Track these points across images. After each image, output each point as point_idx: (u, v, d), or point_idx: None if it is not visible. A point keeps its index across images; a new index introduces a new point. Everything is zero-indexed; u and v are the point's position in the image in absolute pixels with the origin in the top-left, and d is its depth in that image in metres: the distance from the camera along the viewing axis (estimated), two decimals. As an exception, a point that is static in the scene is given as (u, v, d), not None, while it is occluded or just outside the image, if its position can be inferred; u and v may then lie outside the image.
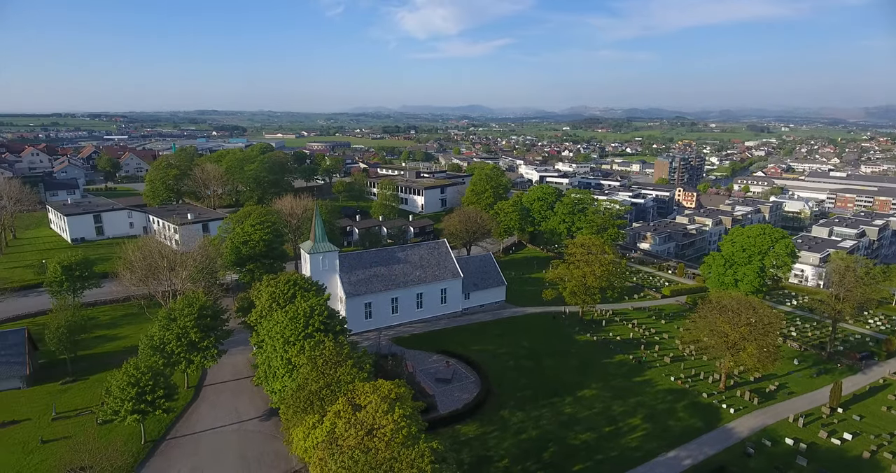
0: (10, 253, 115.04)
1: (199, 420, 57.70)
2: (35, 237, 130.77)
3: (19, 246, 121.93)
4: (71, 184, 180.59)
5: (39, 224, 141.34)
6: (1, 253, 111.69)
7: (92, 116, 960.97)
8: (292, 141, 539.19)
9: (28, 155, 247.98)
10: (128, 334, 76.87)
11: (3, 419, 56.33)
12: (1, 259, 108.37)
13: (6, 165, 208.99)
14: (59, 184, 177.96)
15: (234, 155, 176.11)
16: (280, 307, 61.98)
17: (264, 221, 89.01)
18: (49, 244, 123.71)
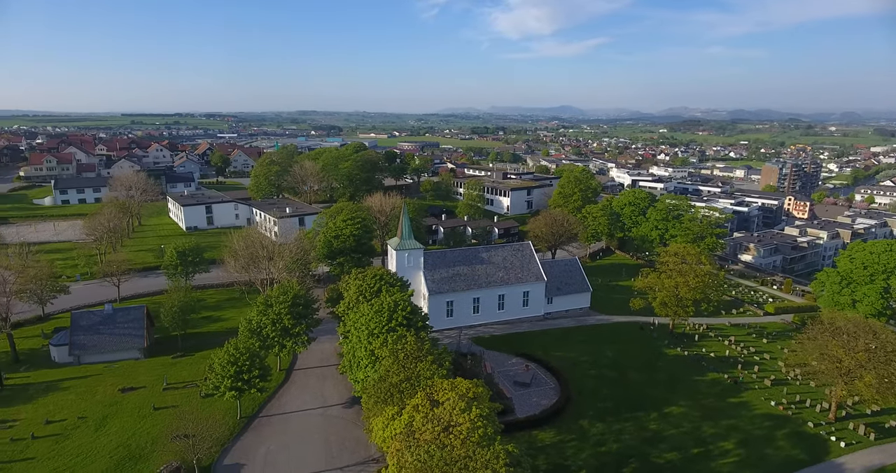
0: (136, 238, 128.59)
1: (288, 402, 61.31)
2: (156, 224, 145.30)
3: (143, 232, 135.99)
4: (187, 177, 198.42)
5: (160, 213, 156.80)
6: (128, 238, 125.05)
7: (207, 116, 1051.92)
8: (384, 140, 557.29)
9: (153, 150, 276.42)
10: (230, 316, 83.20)
11: (124, 385, 63.17)
12: (128, 243, 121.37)
13: (135, 160, 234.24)
14: (178, 178, 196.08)
15: (329, 153, 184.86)
16: (366, 300, 64.32)
17: (355, 217, 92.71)
18: (167, 231, 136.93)
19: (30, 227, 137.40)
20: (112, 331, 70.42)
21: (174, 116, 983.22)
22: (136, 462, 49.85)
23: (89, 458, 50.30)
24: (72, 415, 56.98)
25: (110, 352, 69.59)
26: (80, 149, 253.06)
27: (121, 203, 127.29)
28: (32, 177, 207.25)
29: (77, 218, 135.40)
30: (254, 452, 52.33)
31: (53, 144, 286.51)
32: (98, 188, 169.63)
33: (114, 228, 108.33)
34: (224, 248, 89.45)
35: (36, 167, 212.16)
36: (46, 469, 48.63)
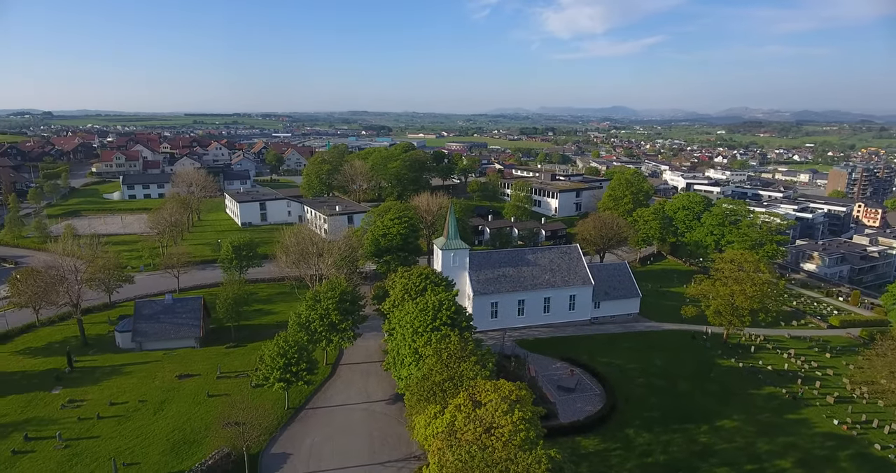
0: (195, 232, 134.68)
1: (333, 395, 62.69)
2: (214, 219, 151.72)
3: (202, 227, 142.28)
4: (244, 175, 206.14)
5: (218, 208, 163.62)
6: (188, 232, 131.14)
7: (264, 116, 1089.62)
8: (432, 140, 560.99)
9: (213, 149, 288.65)
10: (280, 310, 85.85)
11: (181, 371, 66.29)
12: (188, 236, 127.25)
13: (196, 157, 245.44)
14: (235, 175, 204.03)
15: (379, 153, 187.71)
16: (411, 298, 64.92)
17: (402, 216, 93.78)
18: (224, 226, 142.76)
19: (100, 220, 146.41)
20: (171, 320, 74.05)
21: (233, 116, 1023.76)
22: (190, 445, 52.20)
23: (148, 440, 53.07)
24: (133, 398, 60.29)
25: (169, 340, 73.19)
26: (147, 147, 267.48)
27: (182, 198, 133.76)
28: (103, 172, 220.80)
29: (142, 212, 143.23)
30: (299, 442, 53.79)
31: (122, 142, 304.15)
32: (162, 184, 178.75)
33: (175, 222, 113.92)
34: (276, 244, 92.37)
35: (106, 164, 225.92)
36: (110, 447, 51.62)
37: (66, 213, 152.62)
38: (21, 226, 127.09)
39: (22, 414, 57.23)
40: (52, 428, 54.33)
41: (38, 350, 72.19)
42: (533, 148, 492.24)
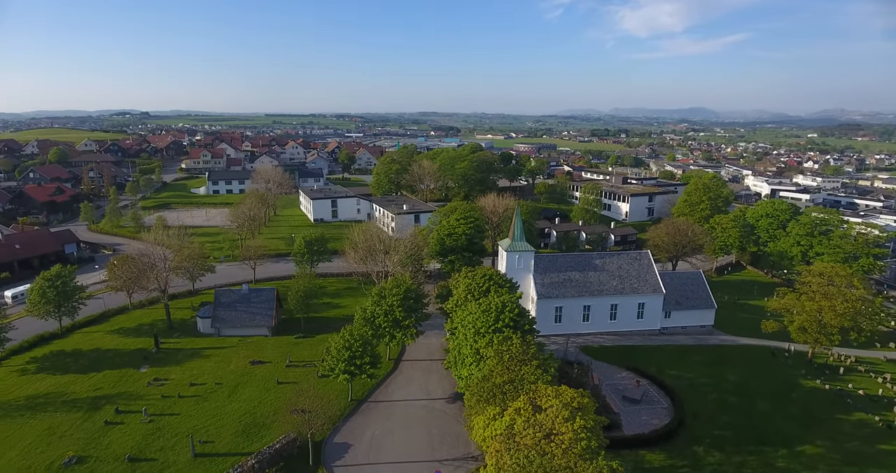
0: (271, 227, 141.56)
1: (395, 390, 63.91)
2: (288, 215, 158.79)
3: (277, 222, 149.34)
4: (317, 173, 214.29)
5: (292, 204, 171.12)
6: (265, 226, 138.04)
7: (337, 117, 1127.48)
8: (500, 142, 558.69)
9: (290, 148, 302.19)
10: (347, 304, 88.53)
11: (254, 358, 69.90)
12: (264, 230, 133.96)
13: (274, 156, 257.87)
14: (309, 173, 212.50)
15: (447, 153, 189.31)
16: (474, 299, 64.99)
17: (468, 217, 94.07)
18: (297, 222, 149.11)
19: (187, 213, 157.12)
20: (247, 309, 78.24)
21: (309, 117, 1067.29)
22: (259, 429, 54.94)
23: (222, 420, 56.37)
24: (210, 380, 64.24)
25: (244, 328, 77.37)
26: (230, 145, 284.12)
27: (260, 194, 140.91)
28: (191, 168, 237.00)
29: (224, 206, 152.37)
30: (360, 434, 55.25)
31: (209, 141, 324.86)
32: (243, 180, 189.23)
33: (253, 217, 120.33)
34: (345, 240, 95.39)
35: (194, 160, 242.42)
36: (188, 425, 55.29)
37: (158, 206, 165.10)
38: (119, 217, 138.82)
39: (114, 389, 62.49)
40: (139, 403, 58.93)
41: (129, 330, 78.52)
42: (604, 150, 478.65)
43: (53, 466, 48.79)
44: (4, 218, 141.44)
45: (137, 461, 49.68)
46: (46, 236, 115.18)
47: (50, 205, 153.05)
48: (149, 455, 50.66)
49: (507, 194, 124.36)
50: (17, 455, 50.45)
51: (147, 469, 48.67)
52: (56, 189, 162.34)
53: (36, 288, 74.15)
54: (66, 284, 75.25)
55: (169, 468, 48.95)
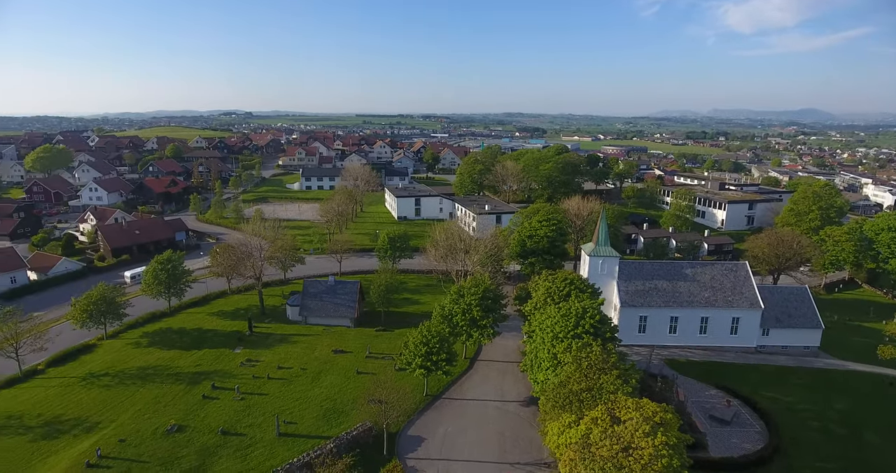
0: (358, 223, 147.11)
1: (469, 389, 64.13)
2: (374, 212, 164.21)
3: (363, 218, 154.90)
4: (402, 172, 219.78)
5: (378, 202, 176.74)
6: (352, 222, 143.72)
7: (424, 117, 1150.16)
8: (587, 143, 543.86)
9: (378, 147, 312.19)
10: (426, 301, 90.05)
11: (336, 347, 72.97)
12: (351, 226, 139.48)
13: (363, 154, 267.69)
14: (395, 172, 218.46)
15: (531, 154, 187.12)
16: (554, 302, 63.76)
17: (551, 219, 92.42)
18: (382, 218, 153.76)
19: (282, 207, 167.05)
20: (332, 300, 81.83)
21: (396, 117, 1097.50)
22: (338, 415, 57.27)
23: (305, 404, 59.36)
24: (296, 365, 67.89)
25: (329, 317, 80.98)
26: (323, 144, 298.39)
27: (349, 191, 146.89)
28: (287, 165, 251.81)
29: (315, 201, 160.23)
30: (434, 429, 55.98)
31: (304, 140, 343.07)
32: (333, 177, 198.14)
33: (342, 212, 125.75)
34: (427, 238, 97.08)
35: (290, 158, 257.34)
36: (275, 405, 58.76)
37: (257, 199, 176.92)
38: (223, 209, 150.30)
39: (212, 366, 67.75)
40: (233, 382, 63.47)
41: (227, 313, 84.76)
42: (700, 153, 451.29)
43: (158, 432, 53.75)
44: (127, 206, 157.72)
45: (229, 434, 53.55)
46: (161, 224, 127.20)
47: (165, 196, 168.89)
48: (239, 430, 54.45)
49: (593, 197, 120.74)
50: (129, 419, 56.12)
51: (237, 443, 52.30)
52: (170, 181, 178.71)
53: (150, 271, 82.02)
54: (176, 268, 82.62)
55: (256, 443, 52.31)
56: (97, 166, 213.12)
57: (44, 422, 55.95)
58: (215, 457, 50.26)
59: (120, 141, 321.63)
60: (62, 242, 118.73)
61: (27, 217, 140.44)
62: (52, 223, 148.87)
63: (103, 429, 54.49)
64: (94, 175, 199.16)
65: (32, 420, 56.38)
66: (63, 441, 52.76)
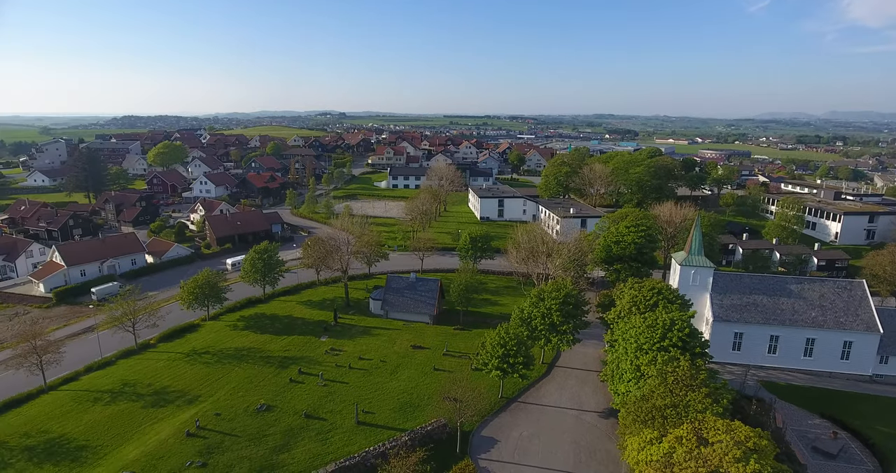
0: (441, 222, 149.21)
1: (545, 395, 62.98)
2: (457, 211, 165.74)
3: (446, 217, 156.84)
4: (487, 172, 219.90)
5: (461, 202, 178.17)
6: (435, 221, 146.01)
7: (511, 118, 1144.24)
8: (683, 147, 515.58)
9: (463, 147, 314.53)
10: (505, 302, 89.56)
11: (415, 342, 74.49)
12: (434, 225, 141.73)
13: (448, 154, 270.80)
14: (479, 172, 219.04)
15: (621, 157, 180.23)
16: (639, 312, 61.05)
17: (639, 225, 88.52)
18: (465, 218, 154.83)
19: (369, 204, 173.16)
20: (413, 296, 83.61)
21: (483, 118, 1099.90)
22: (413, 409, 58.42)
23: (383, 395, 61.13)
24: (376, 357, 70.09)
25: (409, 313, 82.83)
26: (410, 143, 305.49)
27: (433, 190, 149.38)
28: (376, 164, 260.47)
29: (401, 199, 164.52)
30: (507, 432, 55.55)
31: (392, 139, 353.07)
32: (419, 176, 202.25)
33: (426, 211, 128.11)
34: (509, 240, 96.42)
35: (379, 157, 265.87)
36: (354, 394, 61.03)
37: (346, 196, 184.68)
38: (315, 204, 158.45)
39: (299, 352, 71.61)
40: (317, 368, 66.69)
41: (315, 303, 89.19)
42: (812, 159, 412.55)
43: (249, 409, 57.66)
44: (231, 199, 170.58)
45: (312, 418, 56.34)
46: (260, 216, 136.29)
47: (264, 191, 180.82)
48: (321, 414, 57.13)
49: (687, 204, 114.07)
50: (224, 395, 60.67)
51: (318, 427, 54.91)
52: (270, 177, 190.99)
53: (248, 259, 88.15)
54: (271, 258, 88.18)
55: (336, 429, 54.62)
56: (207, 161, 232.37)
57: (153, 391, 61.91)
58: (298, 438, 53.07)
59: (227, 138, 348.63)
60: (175, 230, 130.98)
61: (147, 206, 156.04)
62: (168, 212, 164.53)
63: (202, 403, 59.32)
64: (205, 169, 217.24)
65: (144, 388, 62.58)
66: (168, 410, 58.06)
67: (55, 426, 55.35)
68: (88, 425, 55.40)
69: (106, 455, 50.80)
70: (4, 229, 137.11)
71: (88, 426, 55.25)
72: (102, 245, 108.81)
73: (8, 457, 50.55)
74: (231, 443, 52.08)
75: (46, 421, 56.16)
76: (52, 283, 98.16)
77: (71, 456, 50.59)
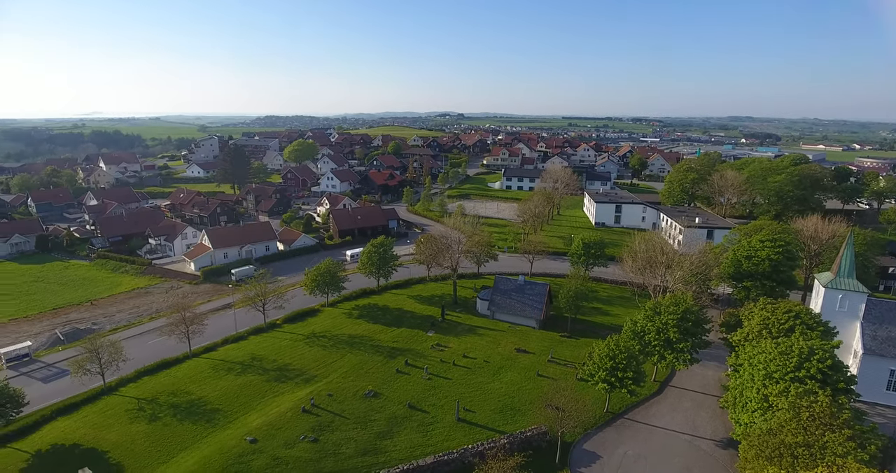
0: (553, 225, 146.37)
1: (655, 415, 59.28)
2: (570, 216, 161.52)
3: (559, 221, 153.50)
4: (605, 176, 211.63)
5: (576, 206, 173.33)
6: (547, 224, 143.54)
7: (634, 120, 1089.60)
8: (836, 154, 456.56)
9: (581, 150, 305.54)
10: (616, 313, 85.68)
11: (519, 346, 73.88)
12: (546, 228, 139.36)
13: (565, 157, 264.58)
14: (596, 176, 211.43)
15: (759, 164, 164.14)
16: (771, 336, 55.32)
17: (777, 239, 79.91)
18: (578, 223, 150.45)
19: (482, 204, 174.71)
20: (520, 299, 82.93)
21: (604, 120, 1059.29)
22: (514, 413, 58.00)
23: (484, 395, 61.44)
24: (480, 357, 70.58)
25: (515, 315, 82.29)
26: (526, 145, 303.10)
27: (547, 193, 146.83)
28: (491, 165, 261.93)
29: (514, 201, 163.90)
30: (611, 449, 53.11)
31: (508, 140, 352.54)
32: (533, 178, 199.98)
33: (538, 214, 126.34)
34: (625, 248, 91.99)
35: (494, 157, 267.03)
36: (456, 391, 62.02)
37: (460, 196, 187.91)
38: (430, 202, 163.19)
39: (407, 344, 74.29)
40: (422, 362, 68.72)
41: (424, 298, 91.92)
42: None
43: (358, 394, 61.00)
44: (353, 194, 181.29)
45: (415, 409, 58.22)
46: (378, 212, 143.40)
47: (383, 188, 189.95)
48: (423, 406, 58.81)
49: (838, 218, 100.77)
50: (337, 378, 64.77)
51: (420, 419, 56.59)
52: (389, 174, 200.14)
53: (366, 252, 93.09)
54: (386, 252, 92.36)
55: (437, 423, 55.92)
56: (335, 159, 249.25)
57: (276, 367, 67.80)
58: (401, 427, 55.13)
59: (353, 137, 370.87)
60: (303, 221, 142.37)
61: (281, 198, 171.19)
62: (298, 204, 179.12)
63: (317, 383, 63.84)
64: (332, 166, 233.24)
65: (269, 364, 68.75)
66: (287, 386, 63.25)
67: (195, 388, 62.76)
68: (222, 391, 62.09)
69: (234, 420, 56.62)
70: (166, 213, 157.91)
71: (222, 392, 61.92)
72: (242, 231, 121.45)
73: (158, 411, 58.30)
74: (340, 424, 55.47)
75: (189, 384, 63.85)
76: (201, 263, 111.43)
77: (206, 417, 57.06)
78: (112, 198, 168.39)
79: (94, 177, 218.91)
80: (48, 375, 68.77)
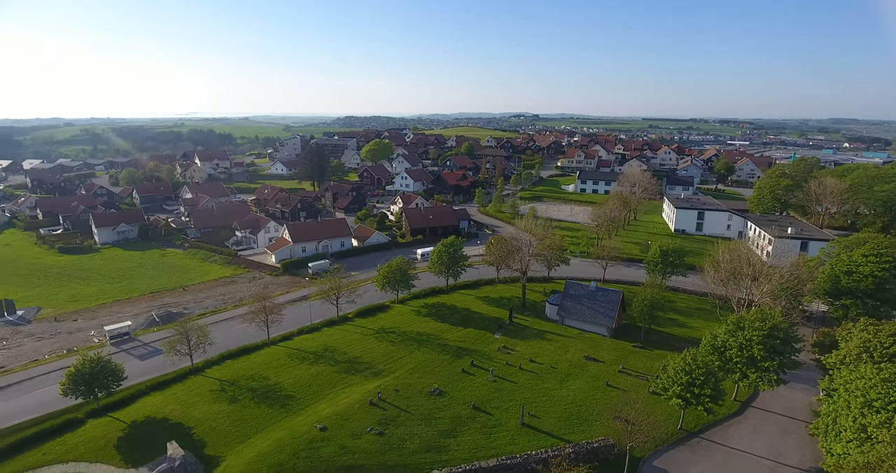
0: (629, 231, 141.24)
1: (734, 437, 55.72)
2: (648, 221, 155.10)
3: (636, 226, 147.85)
4: (687, 181, 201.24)
5: (654, 211, 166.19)
6: (623, 229, 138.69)
7: (721, 122, 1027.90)
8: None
9: (662, 153, 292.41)
10: (695, 326, 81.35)
11: (589, 354, 71.92)
12: (622, 233, 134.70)
13: (644, 160, 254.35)
14: (678, 180, 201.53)
15: (864, 171, 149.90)
16: (872, 361, 50.46)
17: (882, 254, 72.68)
18: (656, 229, 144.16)
19: (554, 207, 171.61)
20: (591, 306, 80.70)
21: (688, 121, 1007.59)
22: (580, 422, 56.53)
23: (550, 402, 60.33)
24: (547, 362, 69.38)
25: (585, 322, 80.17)
26: (603, 147, 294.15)
27: (624, 197, 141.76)
28: (565, 167, 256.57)
29: (588, 205, 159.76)
30: (684, 468, 50.53)
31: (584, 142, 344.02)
32: (609, 182, 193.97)
33: (613, 218, 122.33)
34: (706, 257, 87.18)
35: (569, 159, 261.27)
36: (521, 396, 61.32)
37: (532, 197, 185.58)
38: (501, 203, 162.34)
39: (473, 345, 74.39)
40: (488, 363, 68.53)
41: (492, 300, 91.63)
42: None
43: (423, 391, 61.82)
44: (426, 194, 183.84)
45: (479, 410, 58.20)
46: (450, 212, 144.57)
47: (456, 188, 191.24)
48: (488, 408, 58.66)
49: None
50: (404, 374, 65.98)
51: (484, 420, 56.49)
52: (462, 175, 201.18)
53: (436, 251, 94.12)
54: (456, 252, 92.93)
55: (501, 426, 55.59)
56: (409, 158, 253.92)
57: (347, 359, 70.11)
58: (464, 427, 55.30)
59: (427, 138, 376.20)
60: (377, 219, 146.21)
61: (357, 196, 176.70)
62: (373, 203, 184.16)
63: (385, 377, 65.37)
64: (406, 166, 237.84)
65: (340, 355, 71.23)
66: (357, 378, 65.24)
67: (272, 374, 66.17)
68: (295, 379, 65.06)
69: (306, 407, 59.15)
70: (252, 207, 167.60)
71: (295, 380, 64.88)
72: (320, 227, 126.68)
73: (238, 394, 62.02)
74: (405, 419, 56.47)
75: (266, 370, 67.44)
76: (281, 256, 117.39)
77: (280, 403, 60.02)
78: (205, 193, 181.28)
79: (190, 172, 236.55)
80: (144, 353, 75.09)
